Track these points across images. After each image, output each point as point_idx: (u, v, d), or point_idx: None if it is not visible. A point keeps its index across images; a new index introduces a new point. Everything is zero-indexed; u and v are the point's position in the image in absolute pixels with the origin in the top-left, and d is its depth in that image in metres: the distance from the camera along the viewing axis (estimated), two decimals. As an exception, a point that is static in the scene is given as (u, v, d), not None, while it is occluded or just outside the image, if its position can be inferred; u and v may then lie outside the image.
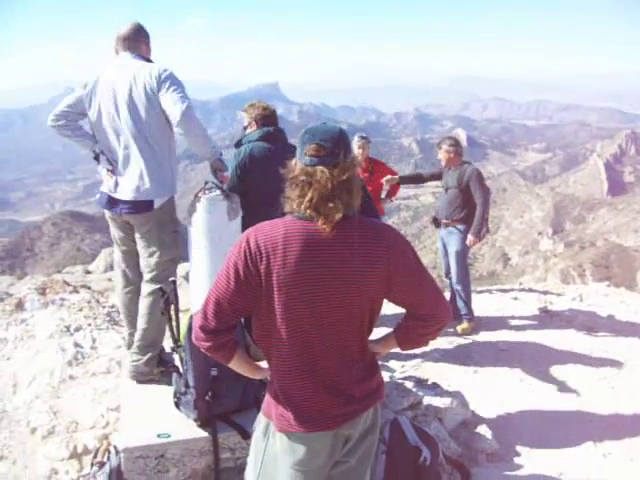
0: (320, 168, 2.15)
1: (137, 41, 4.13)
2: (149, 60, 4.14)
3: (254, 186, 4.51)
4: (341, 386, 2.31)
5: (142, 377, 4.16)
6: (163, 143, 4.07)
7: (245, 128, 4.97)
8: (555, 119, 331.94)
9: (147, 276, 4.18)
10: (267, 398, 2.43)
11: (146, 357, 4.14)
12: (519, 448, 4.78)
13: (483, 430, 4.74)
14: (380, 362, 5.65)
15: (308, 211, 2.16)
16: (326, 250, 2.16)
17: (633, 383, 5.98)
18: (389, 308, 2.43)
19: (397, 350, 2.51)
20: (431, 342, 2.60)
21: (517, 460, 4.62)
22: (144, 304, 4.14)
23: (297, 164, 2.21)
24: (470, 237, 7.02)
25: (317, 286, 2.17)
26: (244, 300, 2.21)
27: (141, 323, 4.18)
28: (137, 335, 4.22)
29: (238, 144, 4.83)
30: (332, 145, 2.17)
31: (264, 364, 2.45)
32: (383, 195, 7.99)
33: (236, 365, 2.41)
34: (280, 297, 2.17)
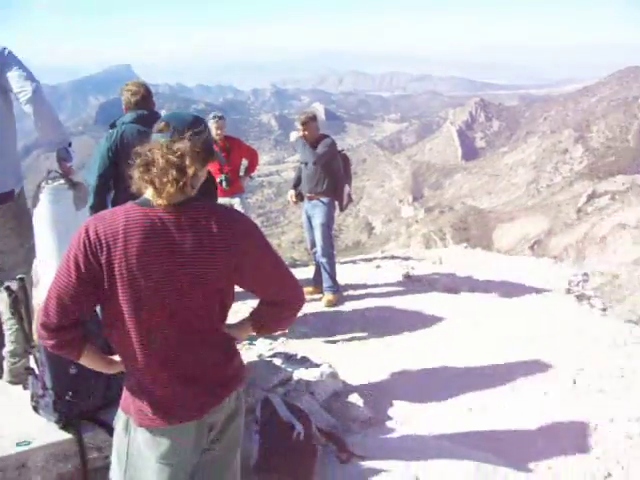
0: (157, 144, 2.12)
1: None
2: None
3: (126, 169, 4.40)
4: (198, 375, 2.25)
5: (22, 378, 3.90)
6: (11, 129, 3.86)
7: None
8: (409, 90, 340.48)
9: (11, 274, 3.93)
10: (124, 393, 2.33)
11: (24, 359, 3.89)
12: (391, 412, 4.90)
13: (355, 399, 4.82)
14: (247, 341, 5.65)
15: (146, 186, 2.13)
16: (169, 237, 2.09)
17: (490, 338, 6.29)
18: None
19: None
20: (297, 316, 2.60)
21: (390, 424, 4.73)
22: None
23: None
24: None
25: (162, 275, 2.09)
26: (87, 294, 2.10)
27: (10, 324, 3.92)
28: (8, 337, 3.96)
29: (112, 125, 4.72)
30: (176, 124, 2.15)
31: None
32: (242, 172, 7.93)
33: (87, 361, 2.29)
34: (124, 289, 2.08)
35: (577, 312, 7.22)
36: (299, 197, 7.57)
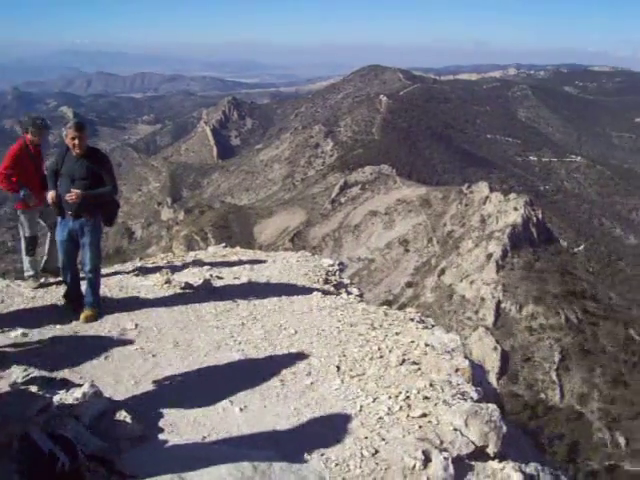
0: None
1: None
2: None
3: None
4: None
5: None
6: None
7: None
8: (161, 90, 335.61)
9: None
10: None
11: None
12: (162, 424, 4.79)
13: (122, 416, 4.63)
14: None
15: None
16: None
17: (256, 335, 6.38)
18: None
19: (22, 348, 2.17)
20: (52, 333, 2.36)
21: (162, 436, 4.63)
22: None
23: None
24: (73, 191, 6.52)
25: None
26: None
27: None
28: None
29: None
30: None
31: None
32: None
33: None
34: None
35: (336, 302, 7.55)
36: (60, 214, 6.85)
